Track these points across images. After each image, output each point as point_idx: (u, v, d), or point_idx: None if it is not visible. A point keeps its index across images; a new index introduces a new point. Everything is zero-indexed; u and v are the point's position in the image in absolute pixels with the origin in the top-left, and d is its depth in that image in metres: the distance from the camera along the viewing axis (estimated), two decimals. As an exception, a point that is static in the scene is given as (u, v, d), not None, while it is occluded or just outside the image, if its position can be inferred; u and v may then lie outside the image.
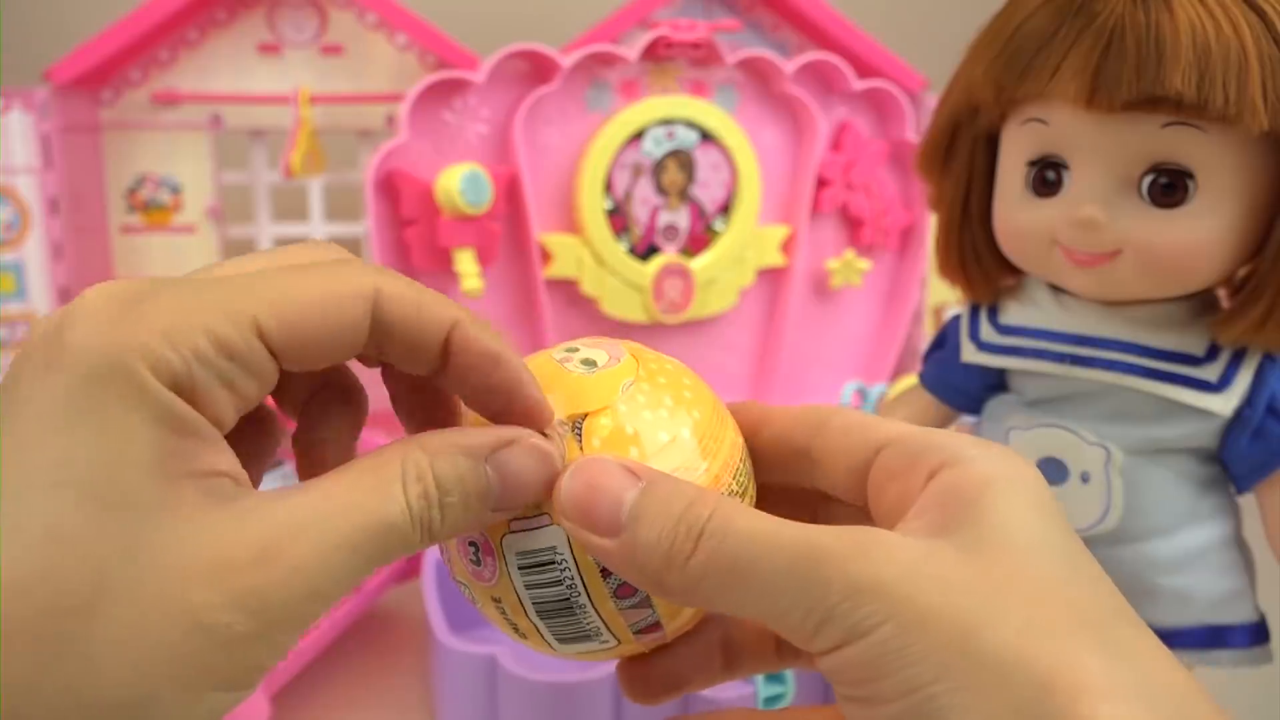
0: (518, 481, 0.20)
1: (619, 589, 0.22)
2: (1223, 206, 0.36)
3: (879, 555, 0.19)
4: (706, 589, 0.20)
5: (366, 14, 0.89)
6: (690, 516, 0.20)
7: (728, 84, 0.80)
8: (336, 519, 0.18)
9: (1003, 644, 0.17)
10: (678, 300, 0.80)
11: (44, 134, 0.82)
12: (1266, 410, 0.38)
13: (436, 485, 0.19)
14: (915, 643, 0.18)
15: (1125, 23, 0.35)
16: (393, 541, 0.19)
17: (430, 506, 0.19)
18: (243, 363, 0.18)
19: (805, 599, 0.19)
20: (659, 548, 0.20)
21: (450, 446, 0.20)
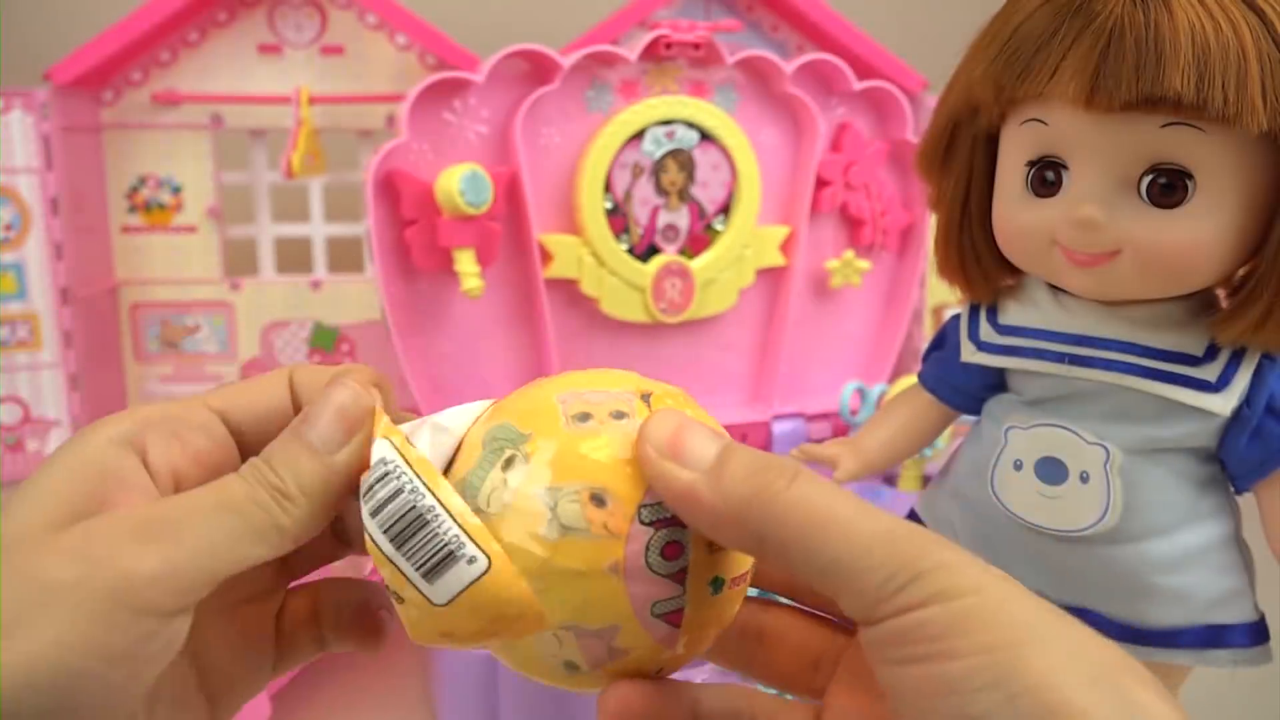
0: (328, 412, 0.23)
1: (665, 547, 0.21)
2: (1222, 206, 0.36)
3: (962, 552, 0.20)
4: (791, 525, 0.20)
5: (367, 14, 0.89)
6: (777, 463, 0.21)
7: (728, 84, 0.80)
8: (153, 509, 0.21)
9: (1076, 632, 0.19)
10: (678, 300, 0.80)
11: (44, 134, 0.83)
12: (1265, 410, 0.38)
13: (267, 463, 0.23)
14: (1006, 608, 0.19)
15: (1124, 23, 0.35)
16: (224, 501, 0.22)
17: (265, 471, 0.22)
18: (185, 420, 0.23)
19: (894, 560, 0.19)
20: (751, 481, 0.20)
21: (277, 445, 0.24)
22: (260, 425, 0.24)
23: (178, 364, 0.94)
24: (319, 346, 0.96)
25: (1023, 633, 0.18)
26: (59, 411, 0.88)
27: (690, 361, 0.83)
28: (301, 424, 0.23)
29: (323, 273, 0.95)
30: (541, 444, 0.22)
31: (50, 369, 0.87)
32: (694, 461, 0.21)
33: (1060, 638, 0.19)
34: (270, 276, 0.94)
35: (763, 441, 0.85)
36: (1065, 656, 0.18)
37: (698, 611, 0.22)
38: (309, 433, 0.23)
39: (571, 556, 0.21)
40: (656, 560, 0.21)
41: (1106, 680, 0.18)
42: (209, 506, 0.21)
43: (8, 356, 0.86)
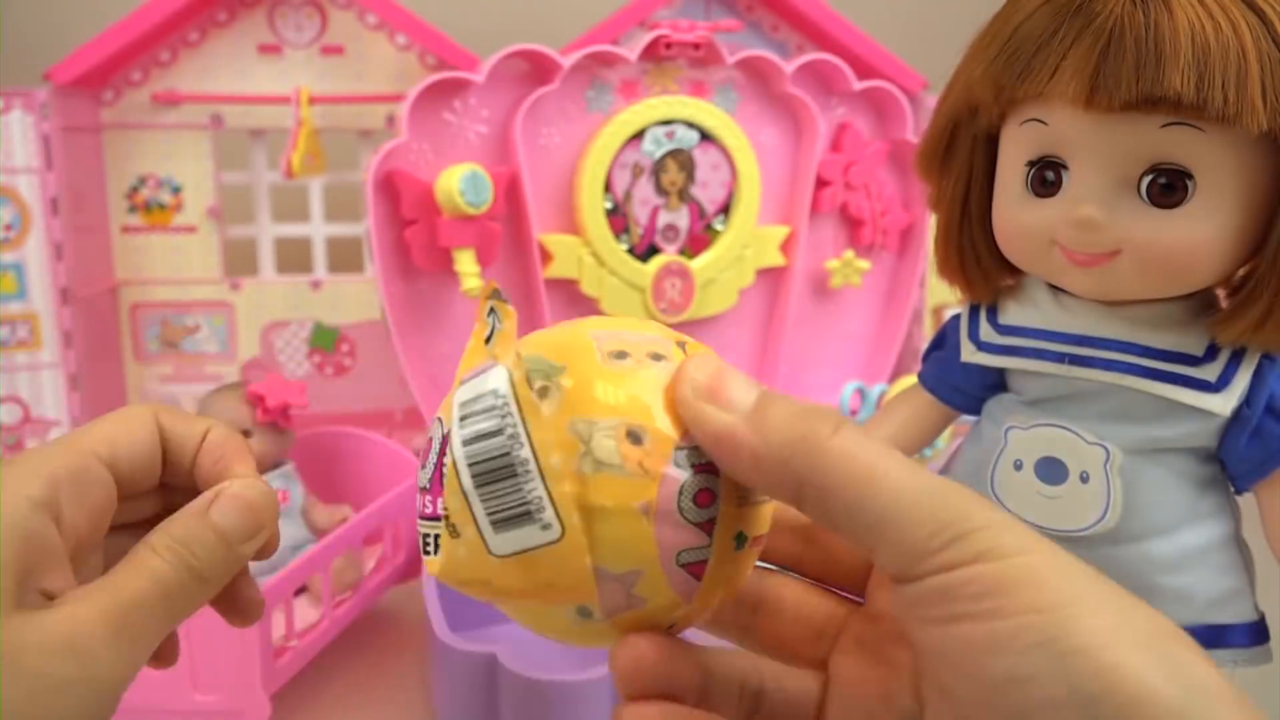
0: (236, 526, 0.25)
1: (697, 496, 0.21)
2: (1222, 207, 0.36)
3: (1009, 516, 0.20)
4: (835, 474, 0.20)
5: (367, 14, 0.89)
6: (826, 410, 0.20)
7: (727, 84, 0.80)
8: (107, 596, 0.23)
9: (1126, 598, 0.19)
10: (678, 300, 0.80)
11: (44, 134, 0.83)
12: (1265, 410, 0.38)
13: (184, 545, 0.25)
14: (1052, 573, 0.19)
15: (1124, 23, 0.35)
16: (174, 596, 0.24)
17: (188, 559, 0.24)
18: (89, 478, 0.25)
19: (940, 516, 0.19)
20: (795, 426, 0.20)
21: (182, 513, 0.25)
22: (133, 467, 0.27)
23: (178, 364, 0.94)
24: (319, 346, 0.96)
25: (1072, 593, 0.18)
26: (59, 411, 0.87)
27: (690, 361, 0.83)
28: (212, 510, 0.25)
29: (323, 273, 0.95)
30: (578, 376, 0.21)
31: (50, 369, 0.87)
32: (735, 404, 0.20)
33: (1110, 602, 0.19)
34: (270, 276, 0.94)
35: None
36: (1116, 619, 0.18)
37: (720, 565, 0.22)
38: (221, 521, 0.25)
39: (603, 492, 0.20)
40: (689, 506, 0.21)
41: (1158, 645, 0.18)
42: (155, 598, 0.24)
43: (8, 356, 0.86)
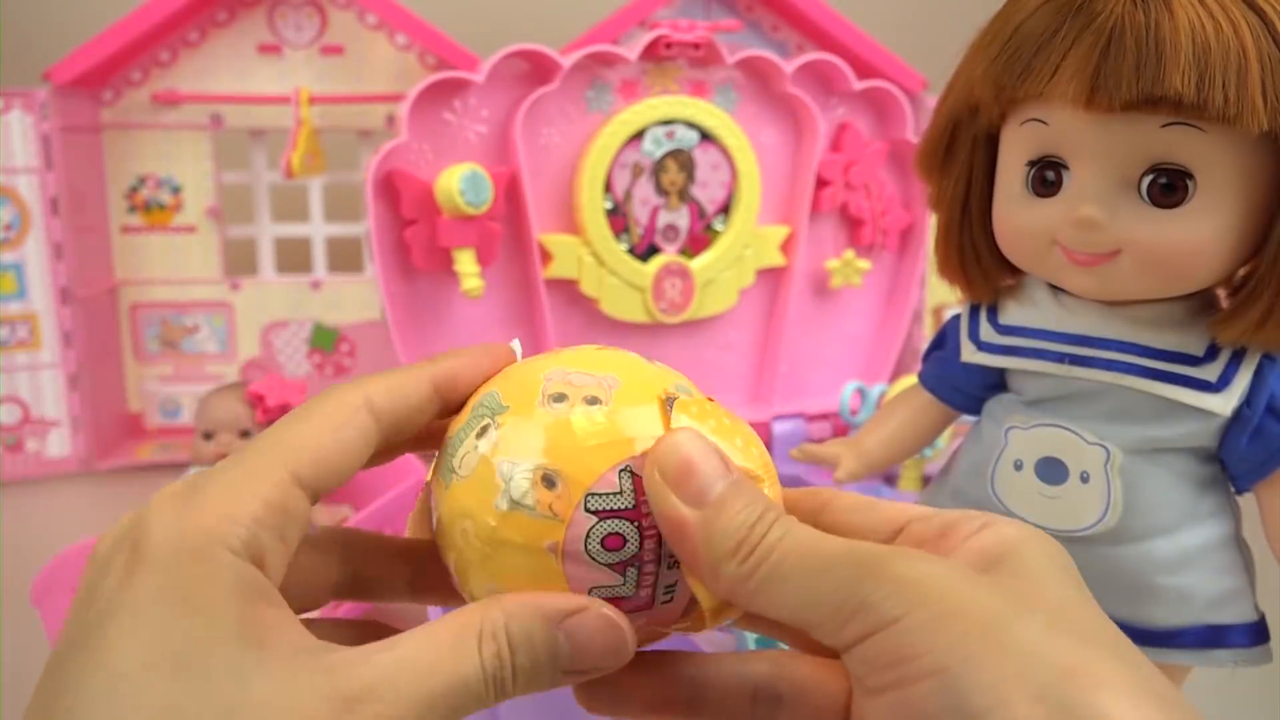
0: (587, 648, 0.21)
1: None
2: (1222, 206, 0.36)
3: (919, 559, 0.20)
4: (756, 582, 0.21)
5: (366, 14, 0.89)
6: (765, 518, 0.21)
7: (728, 84, 0.80)
8: (415, 677, 0.20)
9: (1028, 637, 0.18)
10: (678, 300, 0.80)
11: (44, 134, 0.83)
12: (1266, 410, 0.38)
13: (509, 646, 0.21)
14: (946, 629, 0.18)
15: (1125, 23, 0.35)
16: (467, 700, 0.20)
17: (503, 667, 0.21)
18: (290, 515, 0.21)
19: (841, 592, 0.20)
20: (732, 538, 0.21)
21: (526, 608, 0.21)
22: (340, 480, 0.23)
23: (177, 364, 0.94)
24: (319, 346, 0.96)
25: (969, 647, 0.18)
26: (59, 411, 0.87)
27: (690, 361, 0.83)
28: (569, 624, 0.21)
29: (323, 273, 0.95)
30: (513, 418, 0.23)
31: (50, 369, 0.87)
32: (692, 499, 0.21)
33: (1011, 644, 0.18)
34: (270, 276, 0.94)
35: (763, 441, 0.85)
36: (1016, 667, 0.18)
37: (647, 609, 0.23)
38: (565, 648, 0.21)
39: (515, 530, 0.22)
40: (596, 549, 0.22)
41: (1056, 691, 0.17)
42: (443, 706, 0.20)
43: (8, 356, 0.86)
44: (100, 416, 0.90)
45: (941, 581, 0.19)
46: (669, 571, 0.23)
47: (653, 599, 0.23)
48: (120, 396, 0.94)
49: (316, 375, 0.96)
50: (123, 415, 0.94)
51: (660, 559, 0.22)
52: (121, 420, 0.94)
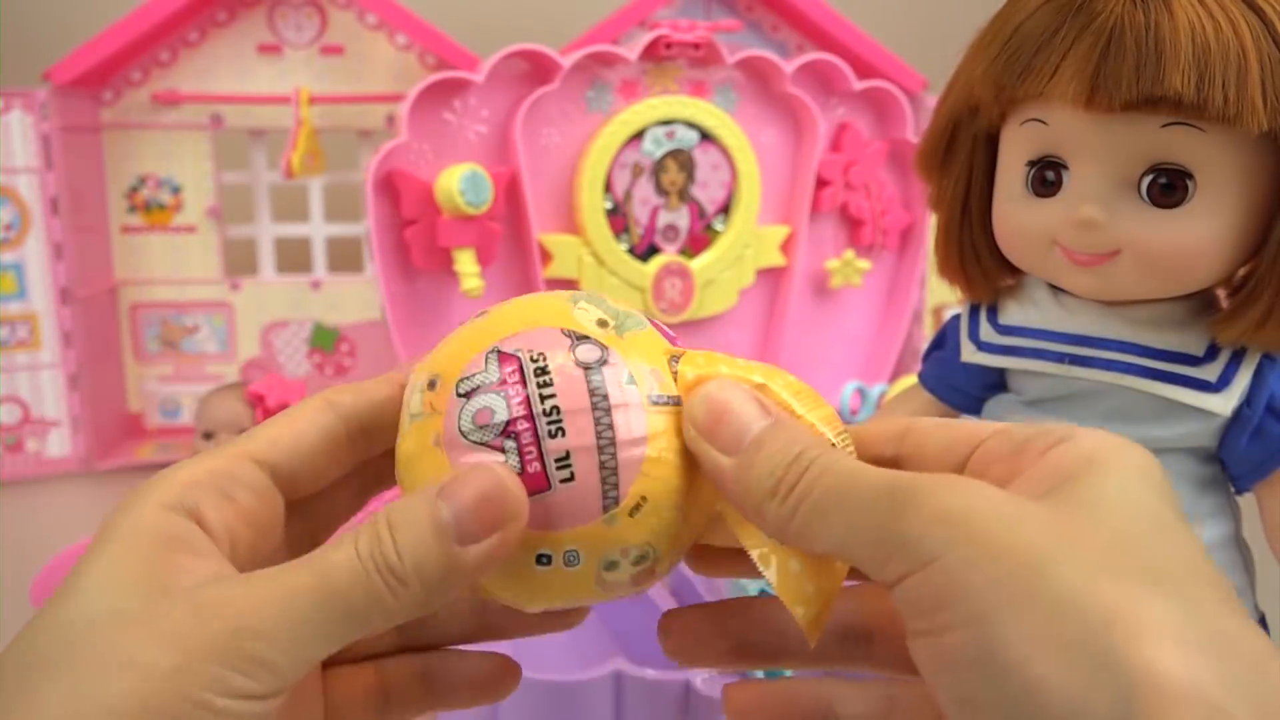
0: (466, 504, 0.20)
1: None
2: (1222, 206, 0.36)
3: (961, 490, 0.19)
4: (800, 520, 0.20)
5: (366, 14, 0.89)
6: (805, 455, 0.21)
7: (728, 84, 0.80)
8: (281, 569, 0.20)
9: (1068, 581, 0.17)
10: (678, 300, 0.80)
11: (44, 134, 0.83)
12: (1266, 410, 0.38)
13: (390, 527, 0.20)
14: (980, 572, 0.17)
15: (1125, 23, 0.35)
16: (340, 582, 0.20)
17: (384, 549, 0.20)
18: (236, 477, 0.22)
19: (881, 528, 0.19)
20: (770, 477, 0.21)
21: (407, 496, 0.21)
22: (302, 464, 0.23)
23: (177, 364, 0.94)
24: (319, 346, 0.96)
25: (1006, 593, 0.17)
26: (59, 411, 0.87)
27: (690, 361, 0.83)
28: (439, 498, 0.20)
29: (323, 273, 0.95)
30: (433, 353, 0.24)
31: (50, 369, 0.87)
32: (728, 445, 0.21)
33: (1049, 589, 0.17)
34: (270, 276, 0.94)
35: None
36: (1051, 616, 0.17)
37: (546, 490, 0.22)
38: (445, 512, 0.20)
39: (414, 439, 0.23)
40: (470, 428, 0.22)
41: (1091, 642, 0.16)
42: (306, 591, 0.19)
43: (8, 356, 0.86)
44: (100, 416, 0.90)
45: (983, 516, 0.18)
46: (554, 441, 0.22)
47: (545, 475, 0.22)
48: (120, 396, 0.94)
49: (316, 375, 0.96)
50: (123, 415, 0.94)
51: (536, 424, 0.22)
52: (121, 420, 0.94)
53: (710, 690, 0.45)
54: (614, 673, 0.46)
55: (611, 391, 0.22)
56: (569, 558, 0.22)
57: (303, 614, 0.19)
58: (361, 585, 0.20)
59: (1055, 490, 0.19)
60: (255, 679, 0.18)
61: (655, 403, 0.23)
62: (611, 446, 0.22)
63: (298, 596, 0.19)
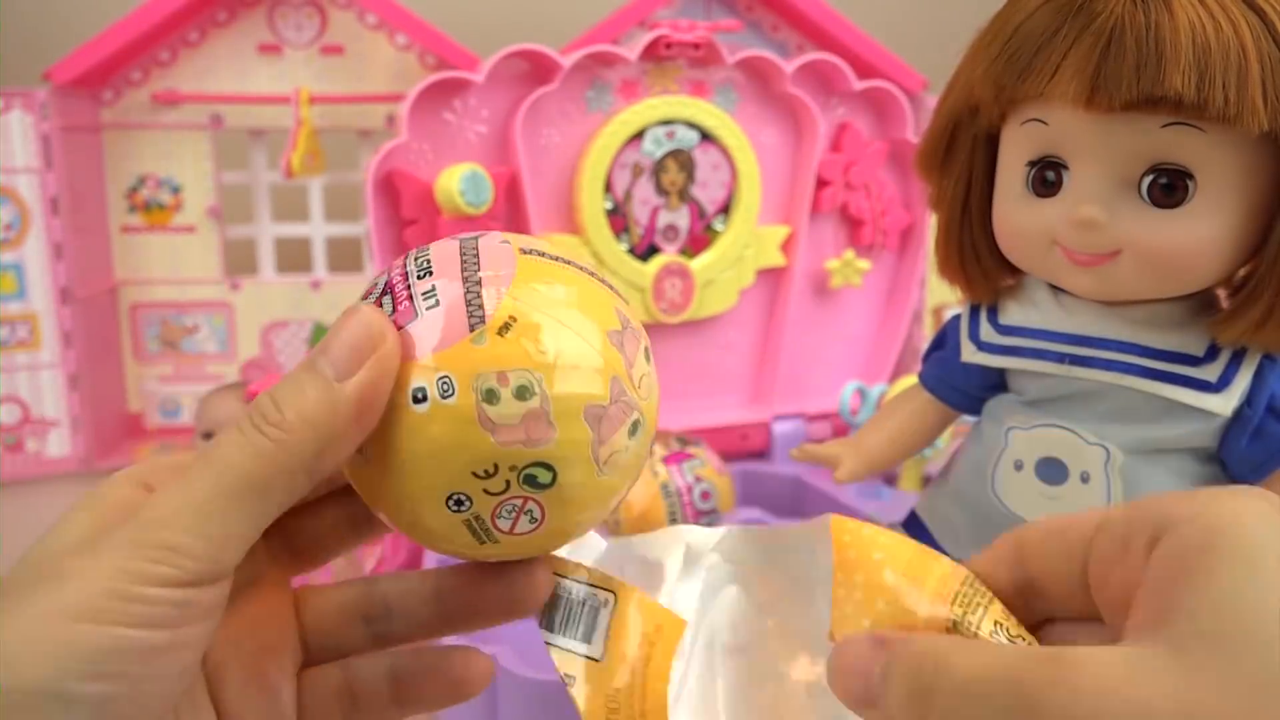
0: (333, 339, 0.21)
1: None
2: (1222, 207, 0.36)
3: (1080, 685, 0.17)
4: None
5: (366, 14, 0.89)
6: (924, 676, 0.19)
7: (728, 84, 0.80)
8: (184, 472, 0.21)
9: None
10: (678, 300, 0.80)
11: (44, 134, 0.83)
12: (1266, 410, 0.38)
13: (268, 393, 0.21)
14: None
15: (1125, 23, 0.35)
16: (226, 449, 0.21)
17: (263, 407, 0.21)
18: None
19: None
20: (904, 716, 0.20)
21: None
22: None
23: (177, 364, 0.94)
24: (319, 346, 0.96)
25: None
26: (59, 411, 0.87)
27: (690, 361, 0.83)
28: (313, 355, 0.22)
29: (323, 273, 0.95)
30: None
31: (50, 369, 0.87)
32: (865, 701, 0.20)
33: None
34: (270, 276, 0.94)
35: (763, 441, 0.85)
36: None
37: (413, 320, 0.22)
38: (319, 361, 0.21)
39: None
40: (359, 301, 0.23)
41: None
42: (199, 471, 0.20)
43: (8, 356, 0.86)
44: (100, 416, 0.90)
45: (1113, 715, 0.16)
46: (421, 281, 0.22)
47: (413, 308, 0.22)
48: (120, 396, 0.94)
49: (316, 375, 0.96)
50: (123, 415, 0.94)
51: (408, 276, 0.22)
52: (121, 420, 0.94)
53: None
54: (614, 673, 0.46)
55: (482, 244, 0.23)
56: (443, 386, 0.21)
57: (200, 493, 0.20)
58: (249, 448, 0.20)
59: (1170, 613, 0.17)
60: (171, 564, 0.20)
61: (528, 251, 0.23)
62: (476, 274, 0.22)
63: (192, 479, 0.20)
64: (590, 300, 0.22)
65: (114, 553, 0.20)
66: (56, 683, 0.18)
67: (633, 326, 0.23)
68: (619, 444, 0.22)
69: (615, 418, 0.22)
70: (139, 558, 0.19)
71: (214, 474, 0.20)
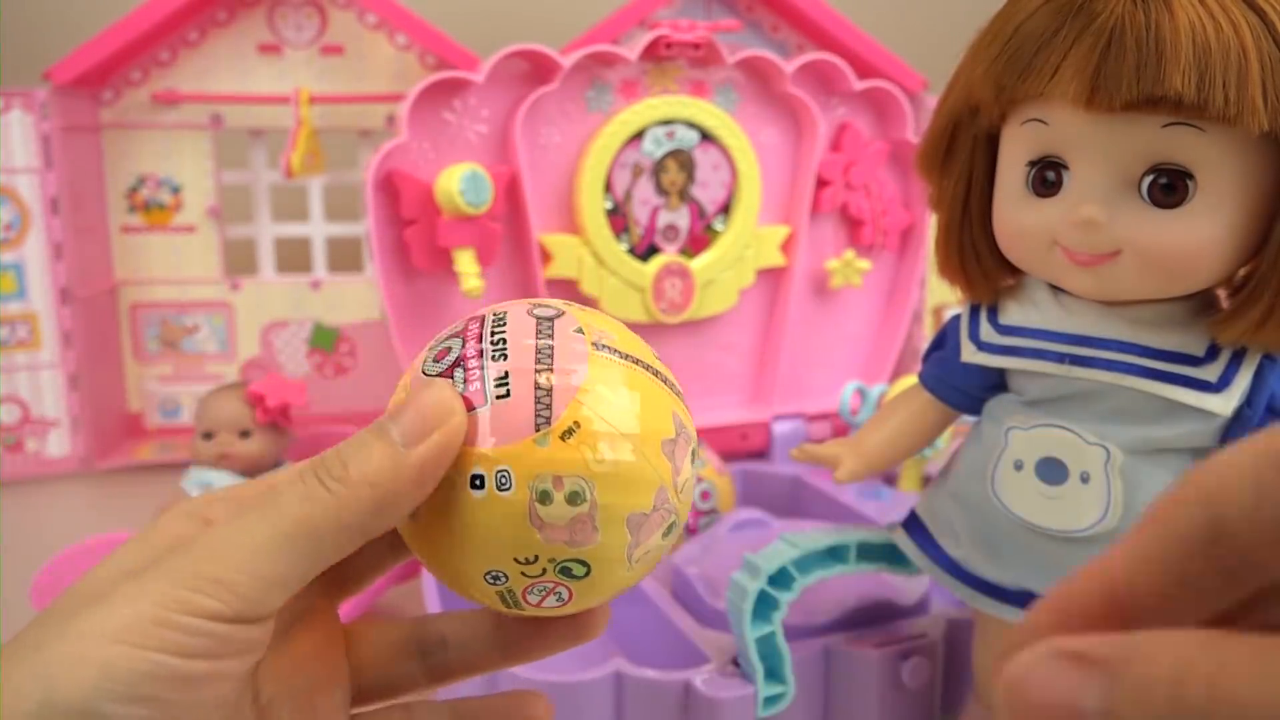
0: (404, 409, 0.22)
1: None
2: (1223, 207, 0.36)
3: None
4: None
5: (366, 14, 0.89)
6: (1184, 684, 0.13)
7: (728, 84, 0.80)
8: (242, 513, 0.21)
9: None
10: (678, 300, 0.80)
11: (44, 134, 0.83)
12: (1266, 410, 0.38)
13: (334, 449, 0.22)
14: None
15: (1125, 23, 0.35)
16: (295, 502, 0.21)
17: (328, 462, 0.22)
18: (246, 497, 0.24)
19: None
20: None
21: None
22: None
23: (177, 364, 0.94)
24: (319, 346, 0.96)
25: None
26: (59, 411, 0.87)
27: (690, 361, 0.83)
28: (385, 416, 0.22)
29: (323, 273, 0.95)
30: None
31: (50, 369, 0.87)
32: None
33: None
34: (270, 276, 0.94)
35: (763, 441, 0.85)
36: None
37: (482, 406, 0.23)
38: (389, 425, 0.22)
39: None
40: (430, 365, 0.24)
41: None
42: (256, 514, 0.21)
43: (7, 356, 0.86)
44: (100, 416, 0.90)
45: None
46: (494, 364, 0.23)
47: (484, 392, 0.23)
48: (120, 396, 0.94)
49: (316, 375, 0.96)
50: (123, 415, 0.94)
51: (482, 353, 0.23)
52: (121, 420, 0.94)
53: (710, 690, 0.45)
54: (614, 673, 0.46)
55: (558, 330, 0.24)
56: (501, 479, 0.22)
57: (255, 534, 0.20)
58: (309, 498, 0.21)
59: None
60: (217, 598, 0.20)
61: (600, 347, 0.23)
62: (549, 372, 0.23)
63: (248, 520, 0.21)
64: (651, 409, 0.23)
65: (161, 581, 0.20)
66: (93, 702, 0.19)
67: (686, 431, 0.24)
68: (652, 544, 0.24)
69: (654, 523, 0.23)
70: (185, 587, 0.20)
71: (271, 518, 0.21)
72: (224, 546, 0.20)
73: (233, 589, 0.20)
